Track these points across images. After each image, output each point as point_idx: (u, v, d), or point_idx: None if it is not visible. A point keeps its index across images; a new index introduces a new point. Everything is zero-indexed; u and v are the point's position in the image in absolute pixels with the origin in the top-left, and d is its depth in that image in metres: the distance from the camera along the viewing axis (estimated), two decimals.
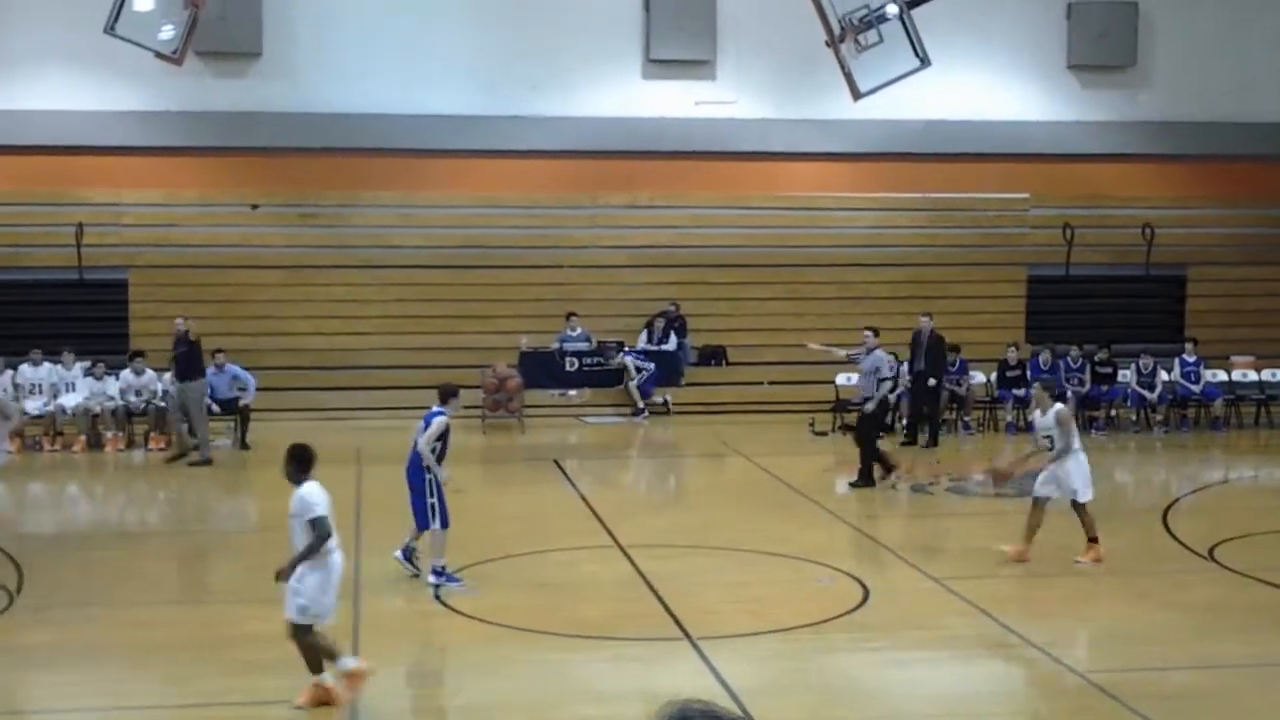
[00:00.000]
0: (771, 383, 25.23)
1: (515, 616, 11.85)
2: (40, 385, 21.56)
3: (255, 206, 26.17)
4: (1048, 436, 13.83)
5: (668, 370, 25.06)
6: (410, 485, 13.00)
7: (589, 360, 24.65)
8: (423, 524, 12.93)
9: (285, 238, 26.10)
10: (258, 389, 21.92)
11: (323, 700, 9.74)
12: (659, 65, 27.07)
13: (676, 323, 25.70)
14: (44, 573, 13.43)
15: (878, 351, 18.57)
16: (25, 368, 21.64)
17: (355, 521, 15.72)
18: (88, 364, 21.77)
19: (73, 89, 25.28)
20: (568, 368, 24.53)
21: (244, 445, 21.25)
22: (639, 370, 24.47)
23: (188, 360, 20.37)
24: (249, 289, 25.39)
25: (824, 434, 22.90)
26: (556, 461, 20.16)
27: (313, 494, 9.75)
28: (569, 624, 11.68)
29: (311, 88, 26.04)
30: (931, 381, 22.15)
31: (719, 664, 10.64)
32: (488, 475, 20.53)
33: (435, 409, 13.18)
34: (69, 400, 21.31)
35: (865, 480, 18.05)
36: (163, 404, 21.51)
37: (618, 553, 14.48)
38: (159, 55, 22.41)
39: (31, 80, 25.18)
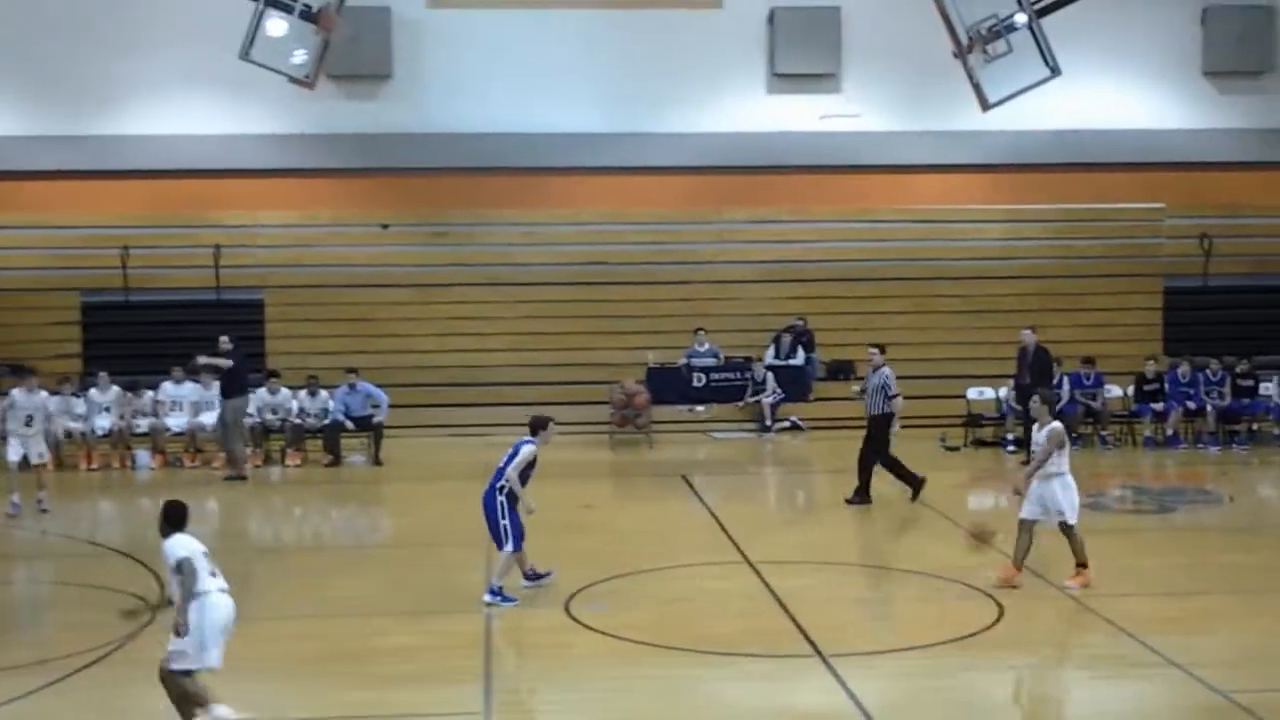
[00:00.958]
0: (904, 396, 24.87)
1: (644, 632, 11.85)
2: (182, 403, 22.05)
3: (386, 226, 26.58)
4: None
5: (795, 385, 24.93)
6: (485, 507, 13.06)
7: (716, 375, 24.63)
8: (500, 544, 12.99)
9: (415, 257, 26.47)
10: (390, 406, 22.20)
11: None
12: (784, 79, 27.01)
13: (804, 337, 25.58)
14: None
15: (884, 369, 18.24)
16: (168, 385, 22.16)
17: (486, 537, 15.83)
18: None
19: (209, 114, 25.90)
20: (695, 383, 24.54)
21: (377, 461, 21.54)
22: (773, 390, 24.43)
23: (230, 378, 20.69)
24: (380, 307, 25.78)
25: (955, 449, 22.62)
26: (684, 477, 20.15)
27: (175, 544, 9.70)
28: (698, 640, 11.65)
29: (440, 109, 26.39)
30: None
31: (850, 681, 10.53)
32: (616, 490, 20.61)
33: (525, 439, 13.23)
34: (208, 418, 21.77)
35: (863, 496, 17.71)
36: (298, 421, 21.89)
37: (746, 568, 14.42)
38: (292, 80, 22.86)
39: (170, 105, 25.85)
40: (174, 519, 10.08)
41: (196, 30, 25.02)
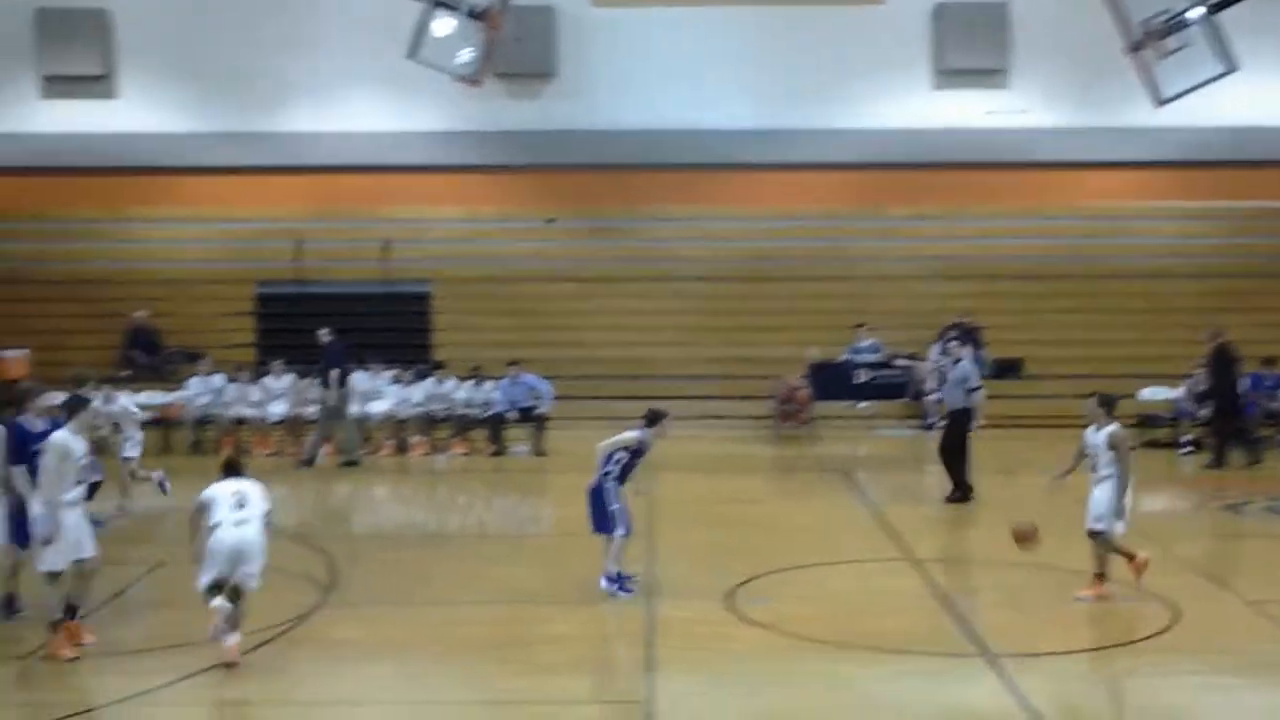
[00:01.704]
0: (1072, 396, 24.35)
1: (807, 627, 11.78)
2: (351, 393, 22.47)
3: (550, 221, 26.86)
4: (1089, 456, 12.65)
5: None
6: (591, 495, 12.98)
7: (879, 372, 24.39)
8: (603, 528, 12.89)
9: (579, 251, 26.70)
10: (553, 397, 22.39)
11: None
12: (949, 75, 26.72)
13: (971, 335, 25.17)
14: (354, 572, 14.01)
15: (964, 362, 17.88)
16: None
17: (649, 529, 15.90)
18: (394, 372, 22.62)
19: (379, 111, 26.45)
20: (858, 379, 24.33)
21: (540, 452, 21.74)
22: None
23: (328, 368, 21.01)
24: (544, 301, 26.04)
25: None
26: (846, 473, 20.00)
27: (208, 488, 11.11)
28: (862, 636, 11.55)
29: (603, 106, 26.59)
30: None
31: (1018, 682, 10.35)
32: (778, 486, 20.55)
33: (638, 427, 13.10)
34: (377, 407, 22.19)
35: (962, 493, 17.56)
36: (463, 411, 22.19)
37: (910, 566, 14.27)
38: (458, 78, 23.21)
39: (341, 104, 26.46)
40: (224, 468, 11.53)
41: (366, 29, 25.57)
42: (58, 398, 11.70)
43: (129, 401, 17.44)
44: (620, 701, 10.18)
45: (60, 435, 10.92)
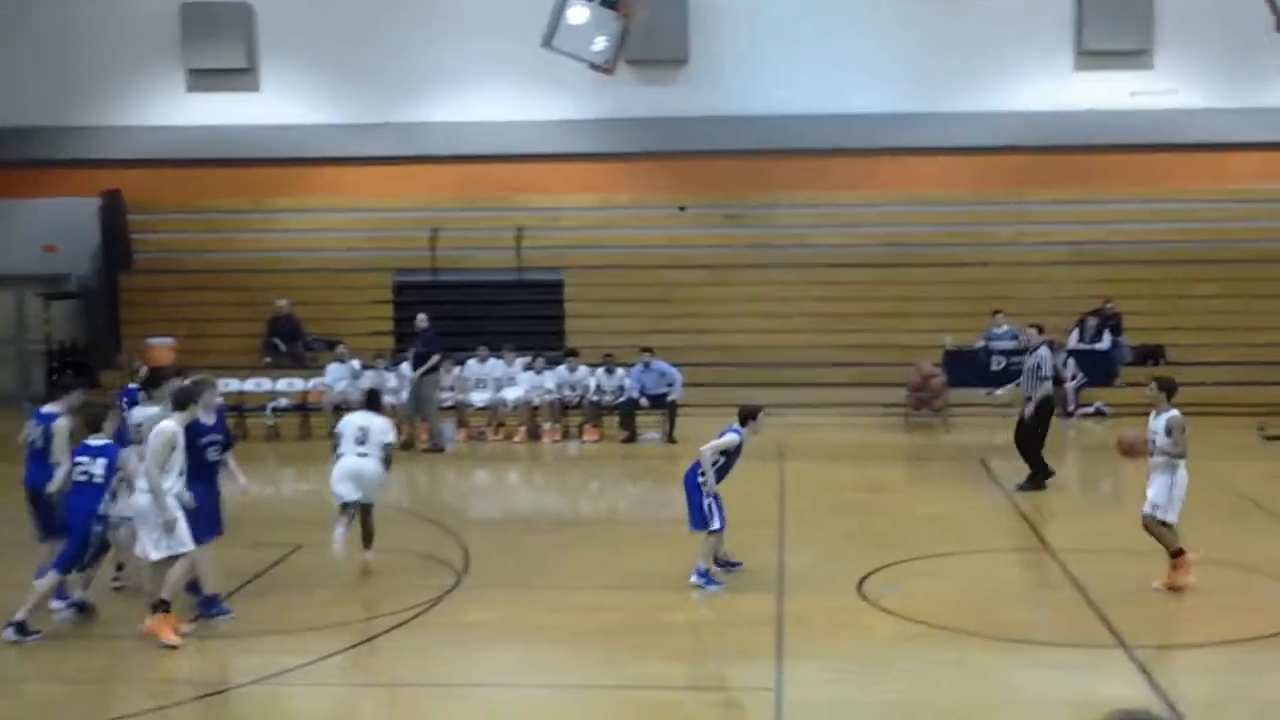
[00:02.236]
0: (1216, 383, 23.79)
1: (940, 616, 11.65)
2: (485, 380, 22.75)
3: (682, 208, 26.87)
4: (1151, 442, 12.36)
5: (1101, 370, 24.11)
6: (686, 488, 12.90)
7: (1016, 358, 23.97)
8: (698, 524, 12.80)
9: (711, 238, 26.67)
10: (684, 384, 22.40)
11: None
12: (1092, 56, 26.21)
13: (1110, 321, 24.71)
14: (487, 556, 14.16)
15: (1041, 350, 17.56)
16: (472, 363, 22.88)
17: (779, 517, 15.87)
18: (527, 359, 22.81)
19: (512, 100, 26.66)
20: (994, 366, 23.93)
21: (671, 439, 21.77)
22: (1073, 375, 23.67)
23: (426, 355, 21.23)
24: (676, 288, 26.05)
25: (1276, 438, 21.49)
26: (982, 461, 19.74)
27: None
28: (995, 626, 11.39)
29: (736, 91, 26.52)
30: None
31: (1156, 674, 10.14)
32: (911, 474, 20.35)
33: (733, 426, 12.98)
34: (510, 394, 22.40)
35: (1037, 481, 17.29)
36: (595, 398, 22.31)
37: (1046, 555, 14.04)
38: (592, 66, 23.29)
39: (476, 93, 26.72)
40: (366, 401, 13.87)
41: (501, 19, 25.77)
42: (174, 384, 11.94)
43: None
44: (750, 689, 10.17)
45: (167, 422, 11.03)
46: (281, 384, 23.62)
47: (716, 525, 12.70)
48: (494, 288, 25.92)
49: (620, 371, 22.49)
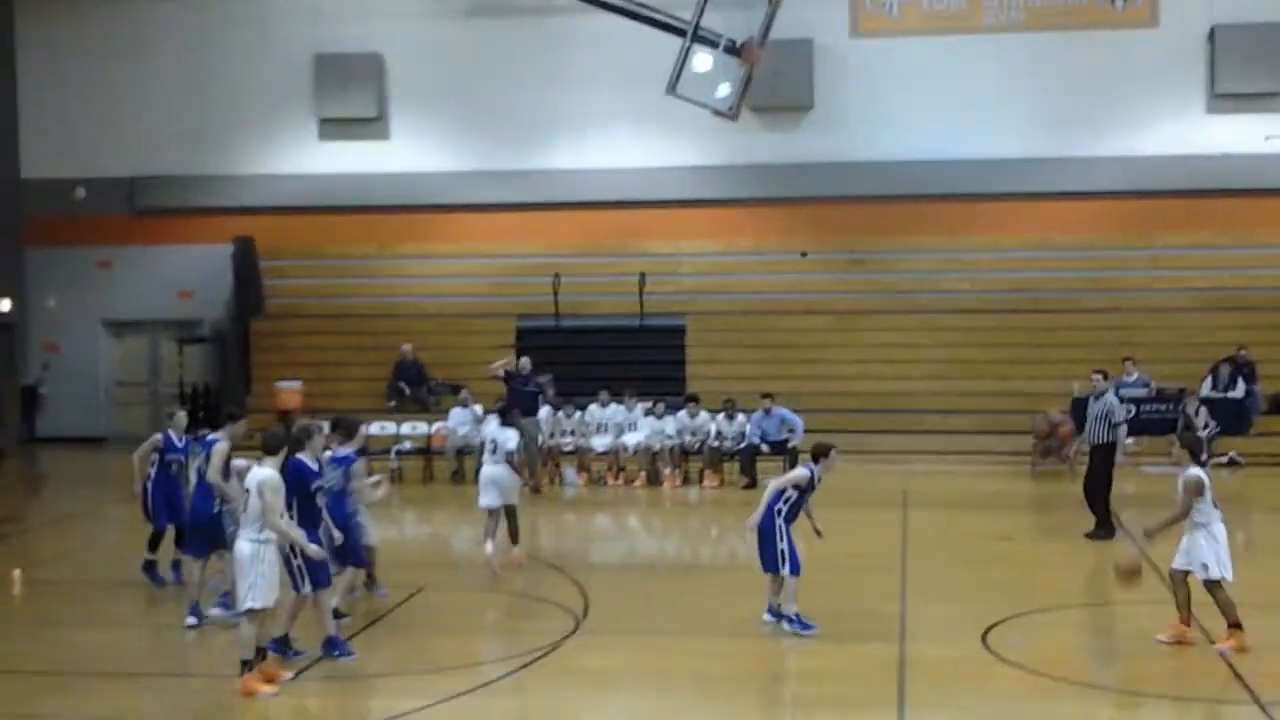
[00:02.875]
0: None
1: (1067, 669, 11.39)
2: (606, 424, 22.78)
3: (805, 254, 26.77)
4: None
5: (1235, 418, 23.50)
6: (761, 532, 12.70)
7: (1147, 407, 23.47)
8: (770, 568, 12.62)
9: (834, 284, 26.53)
10: (806, 430, 22.22)
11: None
12: (1225, 99, 25.72)
13: (1245, 368, 24.10)
14: (607, 601, 14.12)
15: (1108, 395, 17.20)
16: (593, 408, 22.94)
17: (902, 565, 15.65)
18: (648, 404, 22.81)
19: (636, 147, 26.84)
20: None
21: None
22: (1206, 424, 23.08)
23: (532, 399, 21.43)
24: (799, 334, 25.94)
25: None
26: (1112, 511, 19.27)
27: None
28: (1124, 680, 11.13)
29: (860, 137, 26.43)
30: None
31: None
32: (1038, 523, 19.96)
33: (806, 463, 12.97)
34: (631, 439, 22.41)
35: (1105, 531, 16.97)
36: (715, 444, 22.22)
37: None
38: (716, 112, 23.35)
39: (600, 140, 26.93)
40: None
41: (626, 67, 25.96)
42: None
43: None
44: None
45: (267, 470, 11.00)
46: (406, 428, 23.88)
47: (788, 570, 12.60)
48: (616, 333, 26.01)
49: (741, 417, 22.40)
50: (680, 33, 22.66)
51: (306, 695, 10.98)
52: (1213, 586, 11.98)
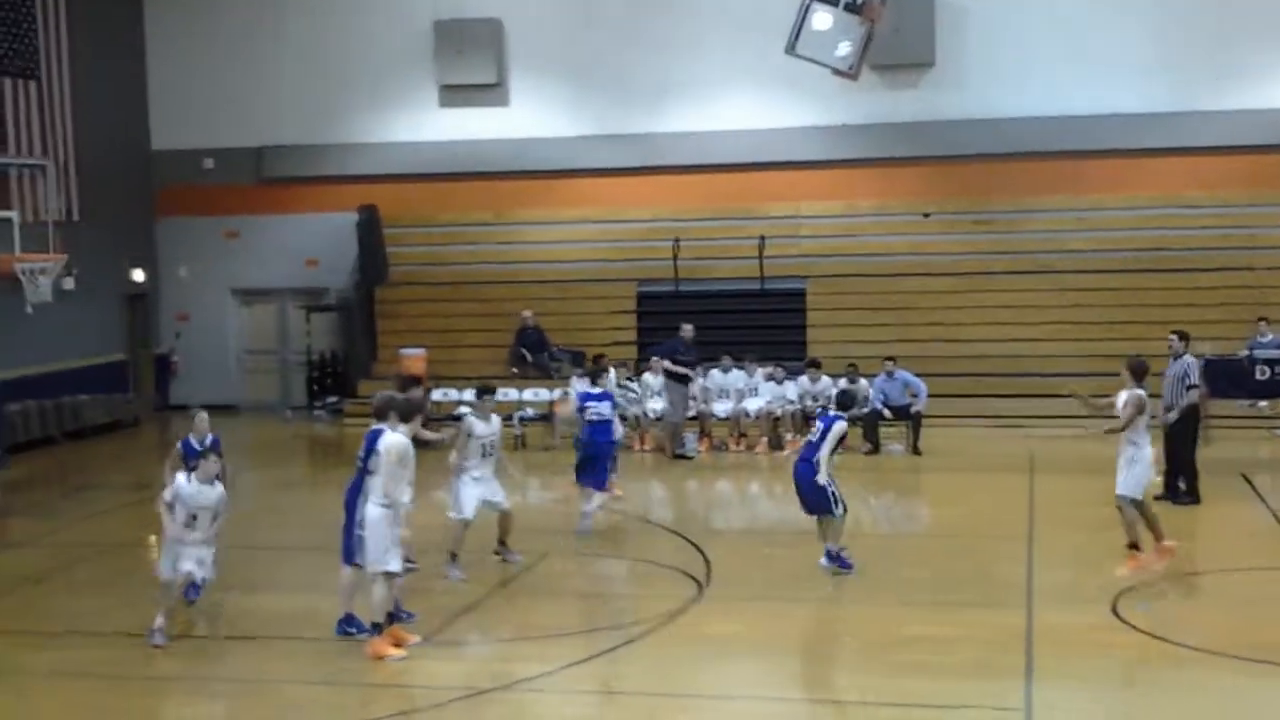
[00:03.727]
0: None
1: (1195, 636, 11.19)
2: (728, 390, 22.75)
3: (927, 215, 26.44)
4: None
5: None
6: (800, 479, 13.38)
7: None
8: (822, 509, 13.21)
9: (958, 244, 26.16)
10: (930, 395, 22.03)
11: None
12: None
13: None
14: (729, 567, 14.15)
15: (1186, 357, 16.91)
16: (715, 373, 22.90)
17: (1028, 531, 15.48)
18: (769, 369, 22.73)
19: (755, 108, 26.63)
20: (1258, 376, 22.86)
21: (916, 450, 21.43)
22: None
23: (688, 364, 21.56)
24: (921, 296, 25.62)
25: None
26: (1244, 475, 18.87)
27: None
28: (1255, 648, 10.87)
29: (983, 94, 25.98)
30: None
31: None
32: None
33: (837, 415, 13.61)
34: (752, 404, 22.35)
35: (1189, 496, 16.67)
36: None
37: None
38: (836, 72, 23.07)
39: (719, 102, 26.76)
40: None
41: (744, 27, 25.76)
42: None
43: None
44: (999, 708, 9.91)
45: (396, 436, 11.13)
46: (528, 394, 24.07)
47: (841, 510, 13.30)
48: (736, 297, 25.90)
49: (863, 381, 22.23)
50: None
51: (432, 659, 11.15)
52: (1121, 504, 12.65)
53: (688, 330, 21.97)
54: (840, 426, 13.37)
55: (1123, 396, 13.21)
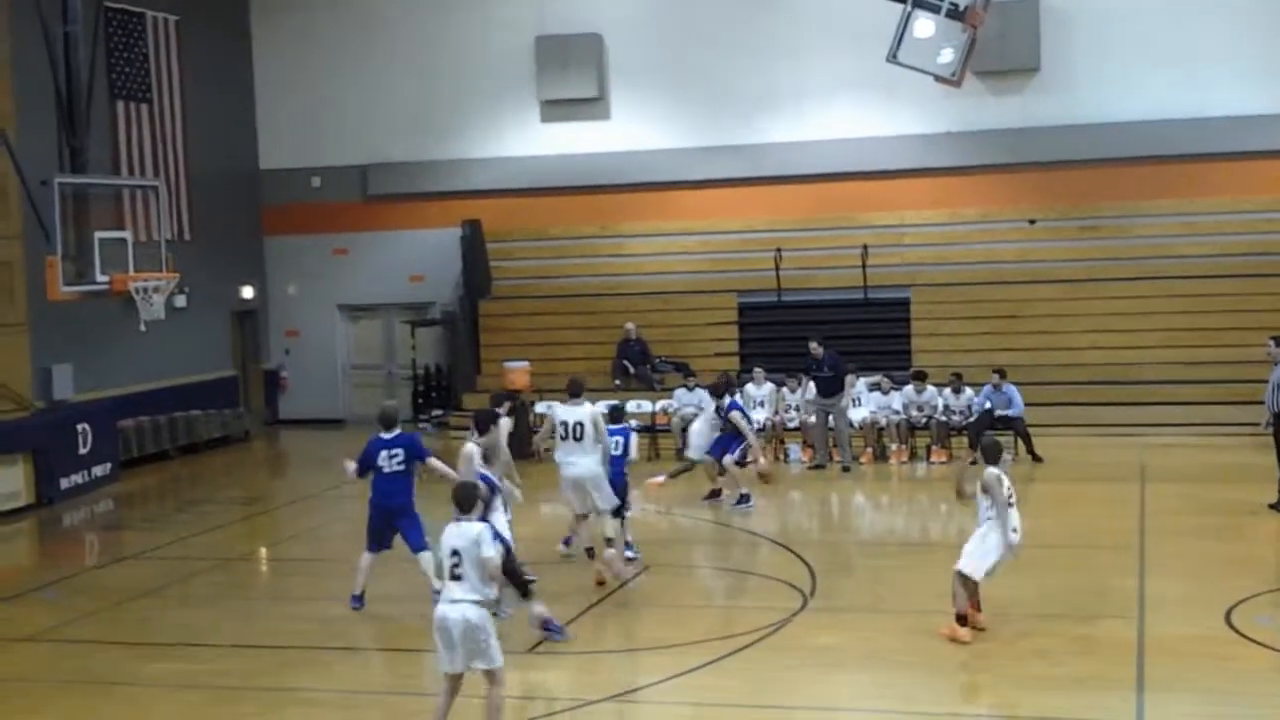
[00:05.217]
0: None
1: None
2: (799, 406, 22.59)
3: (1032, 222, 26.12)
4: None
5: None
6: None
7: None
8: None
9: (1064, 251, 25.82)
10: (1038, 404, 21.72)
11: None
12: None
13: None
14: (835, 578, 14.08)
15: None
16: (786, 393, 22.75)
17: (1140, 541, 15.23)
18: (873, 379, 22.57)
19: (858, 117, 26.49)
20: None
21: (1036, 457, 21.05)
22: None
23: (832, 380, 21.34)
24: (1027, 304, 25.31)
25: None
26: None
27: None
28: None
29: (1090, 98, 25.63)
30: None
31: None
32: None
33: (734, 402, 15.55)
34: (855, 414, 22.20)
35: None
36: (943, 419, 21.89)
37: None
38: (938, 79, 22.88)
39: (820, 111, 26.66)
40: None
41: (845, 35, 25.65)
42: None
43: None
44: None
45: (469, 445, 12.20)
46: (630, 405, 24.10)
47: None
48: (839, 307, 25.74)
49: (968, 391, 22.00)
50: None
51: (539, 669, 11.20)
52: (958, 576, 11.88)
53: (814, 348, 21.77)
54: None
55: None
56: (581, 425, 14.18)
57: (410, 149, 28.61)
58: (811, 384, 22.02)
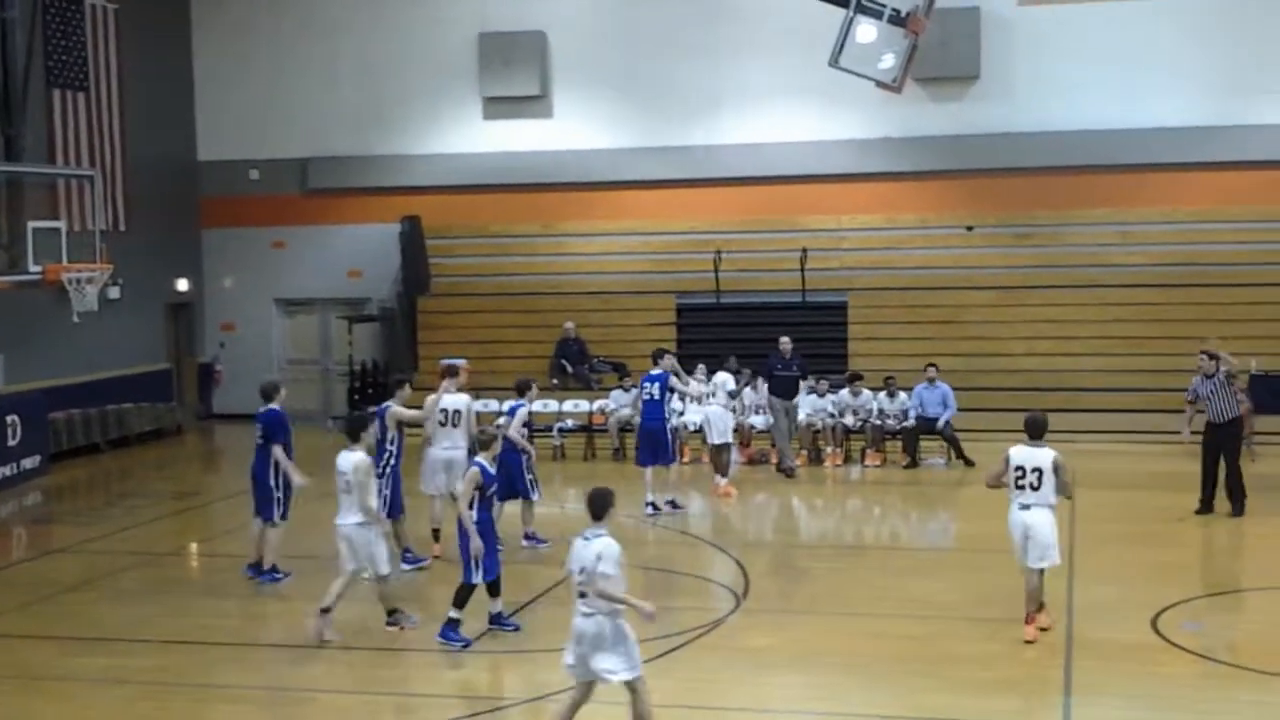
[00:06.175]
0: None
1: (1243, 655, 11.13)
2: (760, 405, 22.67)
3: (970, 228, 26.34)
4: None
5: None
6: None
7: None
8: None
9: (1000, 258, 26.07)
10: (972, 409, 21.92)
11: None
12: None
13: None
14: (768, 580, 14.13)
15: (1219, 376, 16.91)
16: (748, 392, 22.83)
17: (1069, 547, 15.34)
18: (810, 382, 22.66)
19: (797, 121, 26.60)
20: None
21: (967, 461, 21.18)
22: None
23: (791, 383, 21.52)
24: (963, 310, 25.55)
25: None
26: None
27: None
28: None
29: (1028, 107, 25.89)
30: None
31: None
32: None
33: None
34: (759, 419, 22.29)
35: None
36: (878, 422, 22.04)
37: None
38: (879, 84, 23.00)
39: (760, 115, 26.75)
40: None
41: (786, 40, 25.76)
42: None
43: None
44: None
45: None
46: (568, 405, 24.12)
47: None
48: (777, 309, 25.82)
49: (903, 395, 22.18)
50: (843, 3, 22.38)
51: (469, 668, 11.18)
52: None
53: (785, 343, 21.81)
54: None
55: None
56: (459, 413, 15.43)
57: (351, 143, 28.46)
58: (765, 384, 22.06)
